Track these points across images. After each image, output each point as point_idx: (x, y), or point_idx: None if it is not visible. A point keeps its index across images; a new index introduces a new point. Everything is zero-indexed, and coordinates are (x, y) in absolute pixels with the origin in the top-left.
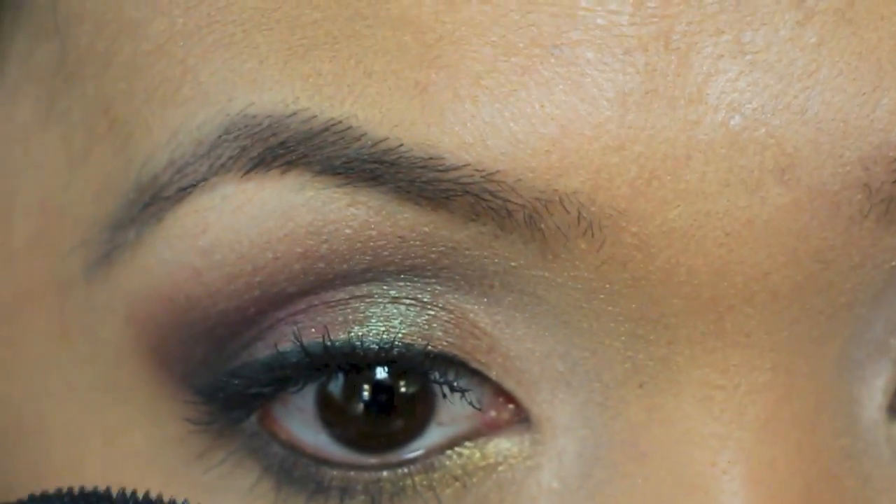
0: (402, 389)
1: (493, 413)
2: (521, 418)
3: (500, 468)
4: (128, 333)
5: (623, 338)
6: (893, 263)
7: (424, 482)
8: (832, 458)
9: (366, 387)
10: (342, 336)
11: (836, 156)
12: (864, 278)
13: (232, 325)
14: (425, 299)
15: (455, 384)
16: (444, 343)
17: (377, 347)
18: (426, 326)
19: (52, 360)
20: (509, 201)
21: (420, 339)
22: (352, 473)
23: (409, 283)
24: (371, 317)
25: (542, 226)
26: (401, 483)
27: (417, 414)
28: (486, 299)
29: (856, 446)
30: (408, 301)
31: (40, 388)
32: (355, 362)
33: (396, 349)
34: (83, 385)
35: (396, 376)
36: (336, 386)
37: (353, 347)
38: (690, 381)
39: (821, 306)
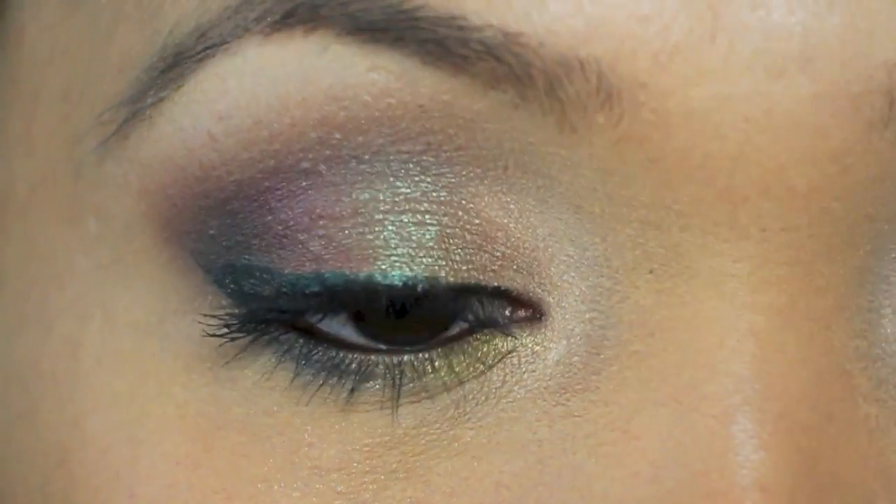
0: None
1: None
2: (535, 317)
3: (512, 354)
4: (139, 208)
5: (634, 224)
6: None
7: (445, 366)
8: (846, 356)
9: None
10: (364, 271)
11: (862, 55)
12: (884, 193)
13: (245, 199)
14: (441, 198)
15: (481, 315)
16: (464, 272)
17: (401, 284)
18: (442, 250)
19: (59, 245)
20: (531, 65)
21: (441, 272)
22: (372, 357)
23: (419, 177)
24: (390, 239)
25: (562, 95)
26: (422, 366)
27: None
28: (499, 186)
29: (872, 351)
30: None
31: (45, 273)
32: (377, 298)
33: (420, 285)
34: (88, 267)
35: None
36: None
37: (374, 282)
38: (702, 269)
39: (840, 213)
